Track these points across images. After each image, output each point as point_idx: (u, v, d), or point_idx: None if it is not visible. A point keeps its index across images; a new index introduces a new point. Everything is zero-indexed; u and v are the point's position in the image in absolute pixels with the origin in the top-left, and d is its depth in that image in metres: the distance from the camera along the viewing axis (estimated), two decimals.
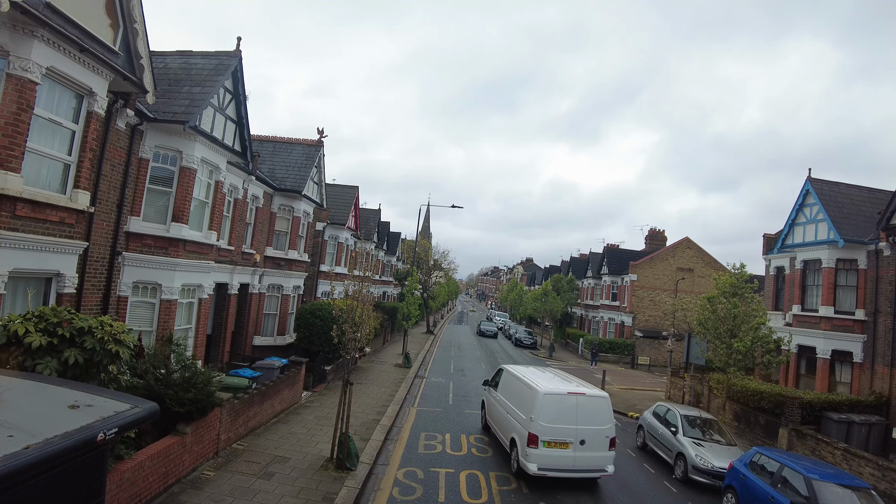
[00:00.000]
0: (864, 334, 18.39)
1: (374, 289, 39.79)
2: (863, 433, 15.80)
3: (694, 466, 12.97)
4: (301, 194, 21.18)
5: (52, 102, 9.08)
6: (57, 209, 9.13)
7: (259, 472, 10.10)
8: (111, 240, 11.48)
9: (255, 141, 22.46)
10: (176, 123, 12.22)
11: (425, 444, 13.79)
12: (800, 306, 20.65)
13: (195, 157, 12.91)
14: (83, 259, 10.43)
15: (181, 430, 9.17)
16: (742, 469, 11.19)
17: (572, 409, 11.49)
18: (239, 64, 14.53)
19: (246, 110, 15.19)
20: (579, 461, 11.28)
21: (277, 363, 16.12)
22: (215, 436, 10.48)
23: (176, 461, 8.96)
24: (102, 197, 11.00)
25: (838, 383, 19.12)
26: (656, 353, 42.33)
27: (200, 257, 13.56)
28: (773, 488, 10.03)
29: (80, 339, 6.43)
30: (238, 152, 15.07)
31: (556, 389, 11.85)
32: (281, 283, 21.21)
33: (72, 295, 9.91)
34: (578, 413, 11.47)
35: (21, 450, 2.99)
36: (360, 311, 11.29)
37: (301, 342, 20.42)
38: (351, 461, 10.89)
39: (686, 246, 45.74)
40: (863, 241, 18.62)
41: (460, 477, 11.52)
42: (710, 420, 15.35)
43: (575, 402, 11.61)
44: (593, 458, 11.42)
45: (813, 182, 20.84)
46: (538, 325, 59.84)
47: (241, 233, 18.23)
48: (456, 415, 17.49)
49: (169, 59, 14.41)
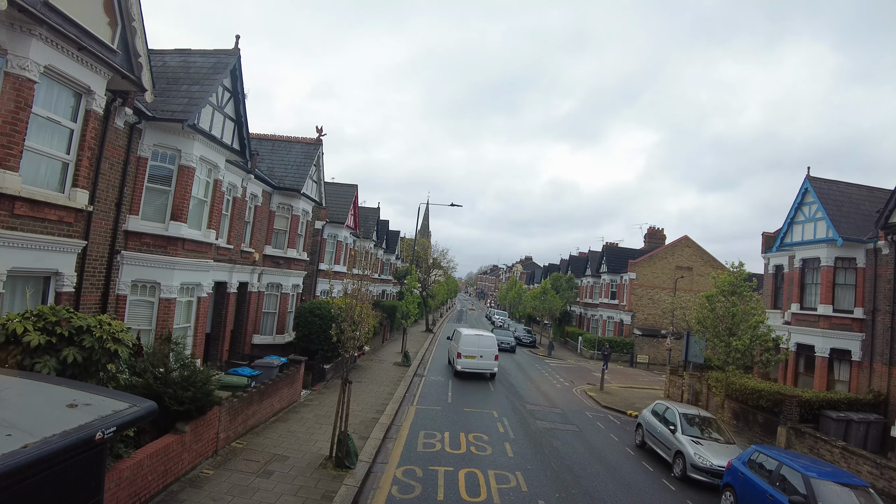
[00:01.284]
0: (863, 333, 18.42)
1: (373, 287, 39.79)
2: (861, 431, 15.84)
3: (692, 465, 12.99)
4: (300, 193, 21.17)
5: (51, 101, 9.06)
6: (55, 208, 9.12)
7: (258, 471, 10.11)
8: (110, 238, 11.48)
9: (254, 139, 22.44)
10: (174, 122, 12.21)
11: (424, 442, 13.81)
12: (798, 305, 20.68)
13: (194, 155, 12.89)
14: (82, 258, 10.42)
15: (180, 429, 9.17)
16: (741, 467, 11.20)
17: (476, 340, 24.66)
18: (237, 62, 14.51)
19: (245, 109, 15.18)
20: (480, 364, 24.19)
21: (276, 362, 16.12)
22: (214, 434, 10.48)
23: (175, 459, 8.96)
24: (101, 196, 10.99)
25: (837, 382, 19.16)
26: (655, 352, 42.39)
27: (199, 256, 13.56)
28: (772, 486, 10.05)
29: (79, 338, 6.43)
30: (237, 151, 15.06)
31: (470, 332, 25.50)
32: (280, 281, 21.21)
33: (71, 294, 9.90)
34: (479, 343, 24.57)
35: (19, 448, 3.00)
36: (359, 309, 11.28)
37: (300, 341, 20.42)
38: (350, 459, 10.91)
39: (685, 244, 45.77)
40: (861, 239, 18.65)
41: (459, 475, 11.54)
42: (709, 418, 15.37)
43: (477, 338, 24.90)
44: (487, 364, 24.35)
45: (812, 180, 20.86)
46: (537, 323, 59.87)
47: (240, 231, 18.21)
48: (455, 413, 17.51)
49: (167, 58, 14.39)
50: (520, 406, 20.13)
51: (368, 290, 12.34)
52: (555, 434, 16.45)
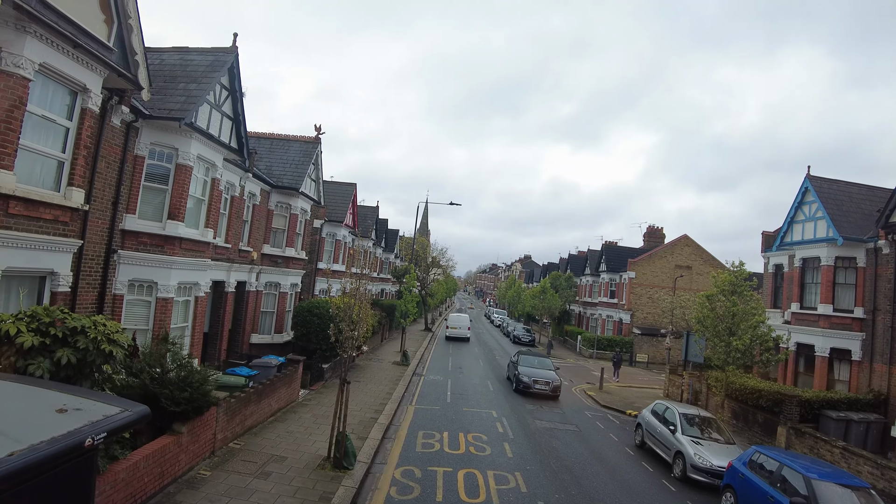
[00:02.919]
0: (863, 332, 18.37)
1: (372, 286, 39.68)
2: (861, 431, 15.79)
3: (692, 465, 12.93)
4: (298, 191, 21.08)
5: (46, 99, 8.97)
6: (51, 207, 9.04)
7: (255, 472, 10.04)
8: (106, 238, 11.39)
9: (253, 138, 22.34)
10: (172, 120, 12.12)
11: (423, 442, 13.75)
12: (798, 304, 20.63)
13: (191, 154, 12.80)
14: (78, 257, 10.34)
15: (177, 430, 9.10)
16: (741, 468, 11.15)
17: (457, 319, 44.14)
18: (235, 60, 14.42)
19: (242, 107, 15.09)
20: (459, 333, 42.46)
21: (274, 361, 16.05)
22: (211, 435, 10.41)
23: (171, 461, 8.89)
24: (97, 195, 10.90)
25: (837, 381, 19.11)
26: (654, 351, 42.34)
27: (197, 255, 13.47)
28: (773, 487, 9.99)
29: (73, 339, 6.34)
30: (234, 149, 14.97)
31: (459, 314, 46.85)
32: (278, 280, 21.13)
33: (66, 293, 9.82)
34: (459, 320, 43.91)
35: (5, 456, 2.92)
36: (358, 308, 11.20)
37: (299, 340, 20.35)
38: (348, 460, 10.84)
39: (684, 243, 45.70)
40: (862, 238, 18.59)
41: (458, 476, 11.48)
42: (709, 418, 15.31)
43: (458, 316, 45.10)
44: (463, 332, 42.73)
45: (812, 179, 20.79)
46: (536, 322, 59.85)
47: (238, 230, 18.13)
48: (454, 413, 17.45)
49: (165, 56, 14.29)
50: (519, 406, 20.07)
51: (368, 290, 12.24)
52: (554, 434, 16.40)
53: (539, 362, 24.35)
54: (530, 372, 22.86)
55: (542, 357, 25.80)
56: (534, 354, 26.31)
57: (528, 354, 25.76)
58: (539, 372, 22.92)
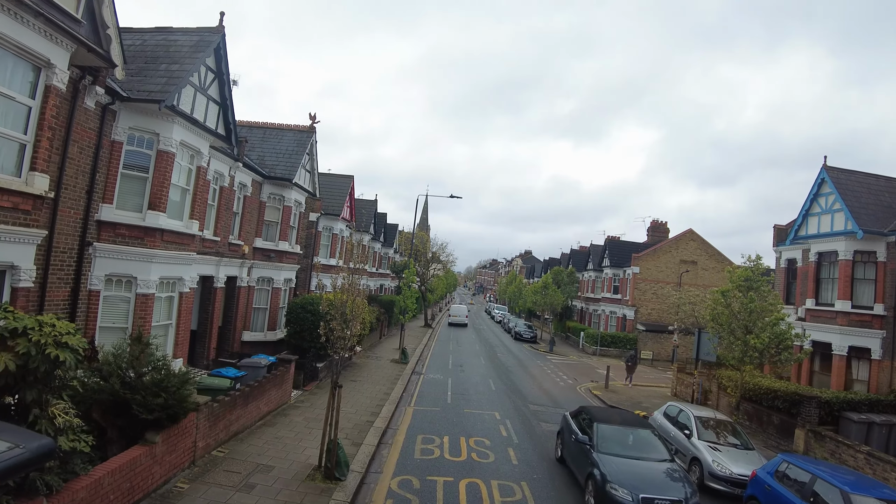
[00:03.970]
0: (883, 330, 17.54)
1: (370, 281, 38.79)
2: (883, 434, 14.96)
3: (711, 473, 12.06)
4: (292, 182, 20.18)
5: (4, 74, 8.13)
6: (10, 193, 8.18)
7: (238, 484, 9.19)
8: (80, 229, 10.54)
9: (244, 127, 21.45)
10: (151, 103, 11.24)
11: (422, 448, 12.91)
12: (814, 300, 19.77)
13: (173, 139, 11.93)
14: (46, 250, 9.50)
15: (150, 440, 8.25)
16: (767, 479, 10.28)
17: (457, 309, 56.57)
18: (222, 41, 13.53)
19: (230, 91, 14.20)
20: (459, 320, 53.87)
21: (264, 361, 15.18)
22: (191, 443, 9.57)
23: (143, 474, 8.04)
24: (69, 182, 10.04)
25: (855, 381, 18.28)
26: (659, 348, 41.48)
27: (180, 248, 12.61)
28: (804, 502, 9.14)
29: (13, 342, 5.48)
30: (222, 136, 14.08)
31: (459, 305, 61.05)
32: (271, 275, 20.27)
33: (30, 289, 8.97)
34: (459, 310, 56.17)
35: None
36: (351, 305, 10.31)
37: (292, 338, 19.50)
38: (340, 470, 10.00)
39: (689, 238, 44.74)
40: (882, 232, 17.72)
41: (460, 486, 10.62)
42: (725, 421, 14.40)
43: (457, 307, 57.74)
44: (464, 319, 54.61)
45: (829, 170, 19.88)
46: (537, 318, 58.95)
47: (228, 223, 17.25)
48: (455, 415, 16.60)
49: (147, 36, 13.41)
50: (523, 406, 19.23)
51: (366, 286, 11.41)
52: None
53: (640, 443, 11.20)
54: (631, 479, 9.64)
55: (638, 427, 11.77)
56: (623, 421, 12.15)
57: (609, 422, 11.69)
58: (651, 476, 10.00)
